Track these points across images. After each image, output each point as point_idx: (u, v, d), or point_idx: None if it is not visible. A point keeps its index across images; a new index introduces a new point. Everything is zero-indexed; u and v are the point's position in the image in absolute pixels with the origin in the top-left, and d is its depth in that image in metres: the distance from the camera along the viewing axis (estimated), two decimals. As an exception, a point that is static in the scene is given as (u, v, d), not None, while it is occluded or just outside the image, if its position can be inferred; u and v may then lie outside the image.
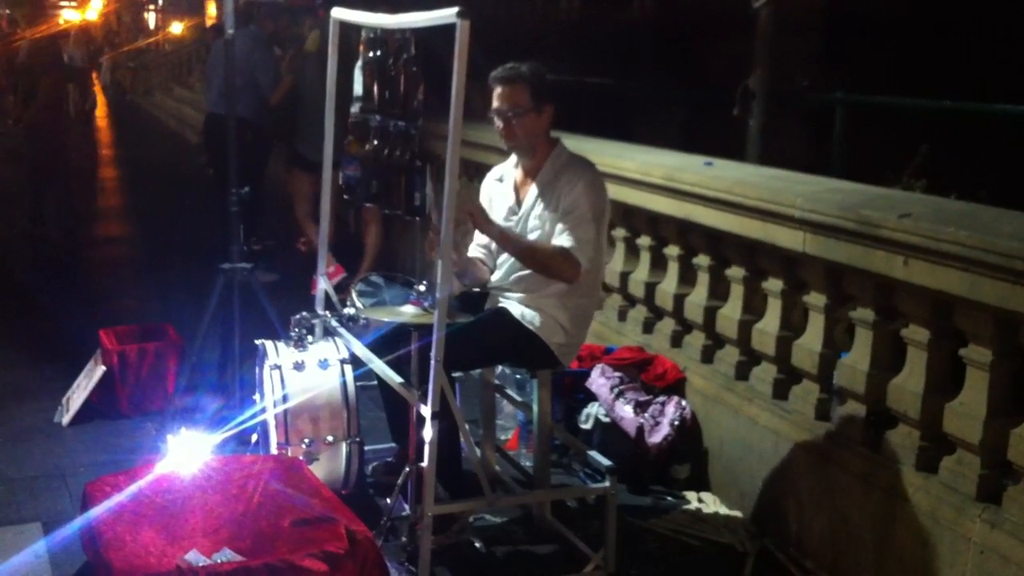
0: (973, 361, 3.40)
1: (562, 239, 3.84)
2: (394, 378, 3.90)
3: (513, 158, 4.19)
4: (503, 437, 4.91)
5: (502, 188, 4.20)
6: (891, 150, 6.87)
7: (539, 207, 3.98)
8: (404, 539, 3.85)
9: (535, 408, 4.19)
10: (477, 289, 4.25)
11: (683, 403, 4.60)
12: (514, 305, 4.02)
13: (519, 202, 4.09)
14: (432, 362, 3.51)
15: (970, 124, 6.95)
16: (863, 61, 8.66)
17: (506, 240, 3.93)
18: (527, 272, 3.97)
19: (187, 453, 3.83)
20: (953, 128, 7.03)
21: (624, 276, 5.46)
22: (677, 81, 10.16)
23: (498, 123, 3.98)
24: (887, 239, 3.54)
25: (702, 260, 4.84)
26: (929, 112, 6.99)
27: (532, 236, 3.98)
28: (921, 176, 6.11)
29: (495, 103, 3.97)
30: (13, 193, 10.80)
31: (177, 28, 25.38)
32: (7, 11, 21.37)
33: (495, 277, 4.15)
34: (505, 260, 4.09)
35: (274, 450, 4.21)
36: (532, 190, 4.02)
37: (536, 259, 3.89)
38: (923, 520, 3.48)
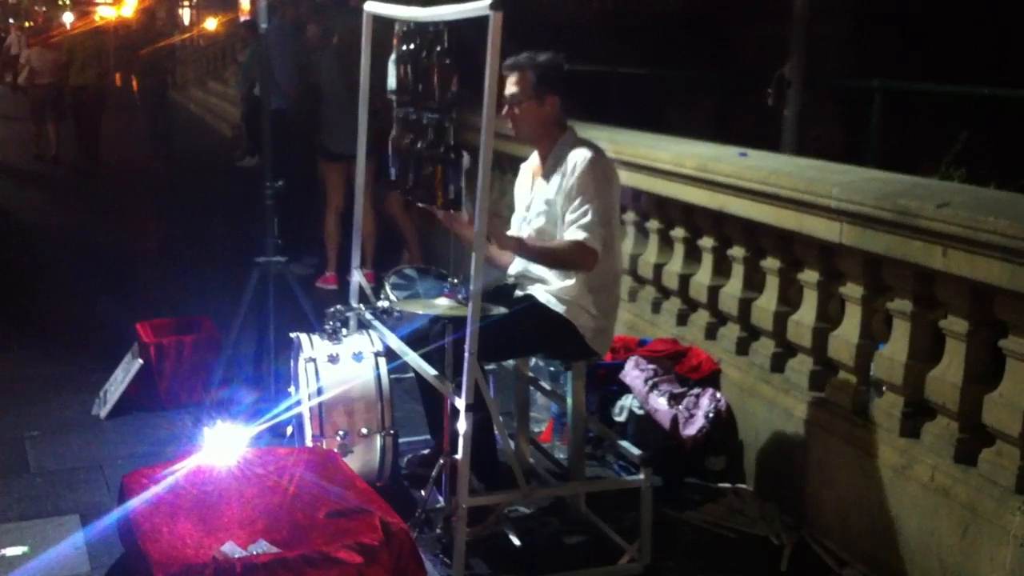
0: (1013, 352, 3.36)
1: (571, 232, 3.86)
2: (428, 371, 3.90)
3: None
4: (537, 429, 4.90)
5: (523, 177, 4.29)
6: (926, 137, 6.78)
7: (544, 190, 4.03)
8: (439, 531, 3.85)
9: (569, 400, 4.18)
10: (510, 280, 4.25)
11: (718, 395, 4.57)
12: (540, 292, 4.04)
13: (531, 188, 4.17)
14: (466, 355, 3.52)
15: (1009, 111, 6.85)
16: (896, 46, 8.56)
17: (524, 248, 3.99)
18: None
19: (223, 445, 3.85)
20: (992, 115, 6.93)
21: (658, 268, 5.44)
22: (710, 68, 10.09)
23: (503, 110, 4.00)
24: (925, 229, 3.50)
25: (737, 251, 4.81)
26: (967, 99, 6.89)
27: (539, 220, 4.04)
28: (959, 164, 6.02)
29: (505, 91, 4.00)
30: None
31: (211, 24, 25.52)
32: (43, 8, 21.72)
33: (518, 264, 4.17)
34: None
35: (309, 442, 4.23)
36: (540, 177, 4.10)
37: (554, 258, 3.95)
38: (962, 512, 3.44)
